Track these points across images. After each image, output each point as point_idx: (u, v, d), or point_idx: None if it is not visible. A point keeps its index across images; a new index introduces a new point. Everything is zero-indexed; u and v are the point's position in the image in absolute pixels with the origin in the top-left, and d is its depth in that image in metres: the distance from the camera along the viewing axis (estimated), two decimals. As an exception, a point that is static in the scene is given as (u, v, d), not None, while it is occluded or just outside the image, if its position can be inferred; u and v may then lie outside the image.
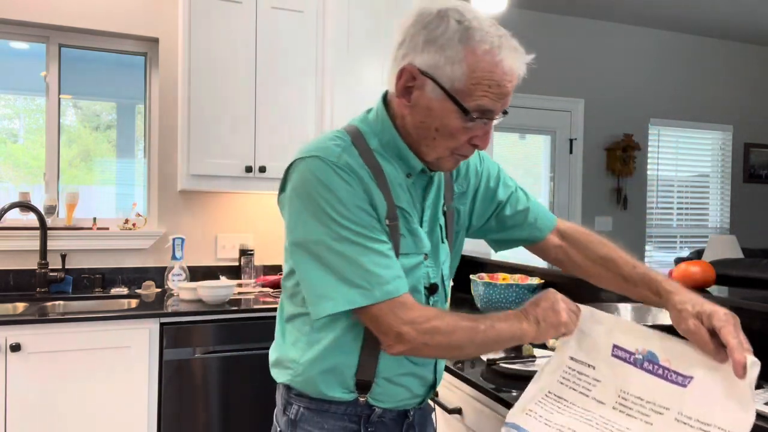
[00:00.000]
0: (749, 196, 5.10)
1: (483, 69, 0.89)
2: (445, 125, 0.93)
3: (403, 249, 0.99)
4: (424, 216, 1.05)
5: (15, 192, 2.75)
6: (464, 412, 1.41)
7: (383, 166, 0.98)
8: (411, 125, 0.97)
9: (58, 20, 2.70)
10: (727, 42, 4.95)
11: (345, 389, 1.01)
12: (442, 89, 0.90)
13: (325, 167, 0.92)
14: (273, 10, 2.65)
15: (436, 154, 0.98)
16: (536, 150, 4.45)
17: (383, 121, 1.00)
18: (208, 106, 2.56)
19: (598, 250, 1.17)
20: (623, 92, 4.59)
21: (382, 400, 1.03)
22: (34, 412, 2.07)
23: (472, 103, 0.91)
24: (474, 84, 0.90)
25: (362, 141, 0.98)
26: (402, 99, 0.95)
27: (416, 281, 1.02)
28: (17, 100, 2.90)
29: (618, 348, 0.99)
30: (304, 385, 1.02)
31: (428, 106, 0.93)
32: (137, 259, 2.81)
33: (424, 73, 0.91)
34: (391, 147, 1.00)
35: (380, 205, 0.96)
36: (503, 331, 0.95)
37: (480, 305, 2.12)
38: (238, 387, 2.30)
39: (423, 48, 0.91)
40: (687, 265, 1.58)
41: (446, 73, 0.90)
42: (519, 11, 4.17)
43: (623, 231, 4.60)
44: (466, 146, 0.97)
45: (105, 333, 2.15)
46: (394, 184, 0.99)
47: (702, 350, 0.91)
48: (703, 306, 0.94)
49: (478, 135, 0.95)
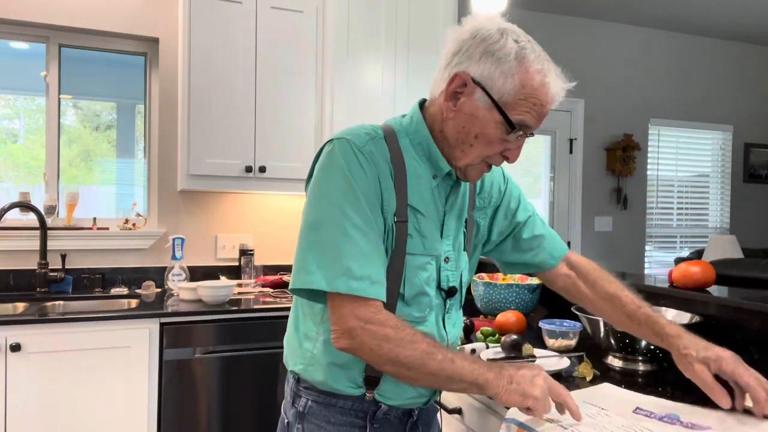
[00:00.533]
0: (749, 196, 5.10)
1: (532, 87, 0.95)
2: (485, 134, 0.97)
3: (409, 248, 1.00)
4: (446, 219, 1.07)
5: (15, 192, 2.76)
6: (464, 412, 1.41)
7: (410, 163, 1.02)
8: (452, 129, 1.00)
9: (58, 20, 2.70)
10: (727, 42, 4.95)
11: (353, 383, 1.02)
12: (491, 99, 0.95)
13: (349, 150, 0.96)
14: (273, 10, 2.65)
15: (469, 160, 1.01)
16: (536, 150, 4.45)
17: (418, 123, 1.05)
18: (208, 106, 2.56)
19: (606, 287, 1.21)
20: (623, 92, 4.59)
21: (388, 396, 1.04)
22: (34, 412, 2.07)
23: (516, 116, 0.95)
24: (521, 99, 0.95)
25: (394, 137, 1.03)
26: (448, 102, 0.99)
27: (423, 282, 1.03)
28: (17, 100, 2.90)
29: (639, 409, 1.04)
30: (314, 375, 1.03)
31: (473, 113, 0.97)
32: (137, 259, 2.81)
33: (476, 82, 0.96)
34: (422, 147, 1.04)
35: (391, 200, 0.98)
36: (463, 369, 0.92)
37: (480, 305, 2.12)
38: (238, 387, 2.30)
39: (480, 59, 0.96)
40: (687, 265, 1.58)
41: (498, 85, 0.95)
42: (519, 11, 4.17)
43: (623, 231, 4.60)
44: (497, 157, 1.01)
45: (105, 333, 2.15)
46: (417, 183, 1.02)
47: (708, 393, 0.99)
48: (707, 351, 1.02)
49: (512, 148, 1.00)
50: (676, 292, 1.58)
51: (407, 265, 1.00)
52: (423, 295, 1.03)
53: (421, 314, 1.03)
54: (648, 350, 1.37)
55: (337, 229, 0.93)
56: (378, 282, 0.94)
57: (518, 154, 1.02)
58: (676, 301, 1.58)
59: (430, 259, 1.04)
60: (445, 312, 1.08)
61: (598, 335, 1.44)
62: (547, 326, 1.62)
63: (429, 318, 1.05)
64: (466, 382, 0.92)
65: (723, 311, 1.45)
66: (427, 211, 1.03)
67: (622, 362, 1.43)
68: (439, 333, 1.07)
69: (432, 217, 1.04)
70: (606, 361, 1.46)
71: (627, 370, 1.40)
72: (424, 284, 1.03)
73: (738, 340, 1.40)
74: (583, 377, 1.32)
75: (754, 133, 5.11)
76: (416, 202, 1.01)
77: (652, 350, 1.37)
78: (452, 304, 1.09)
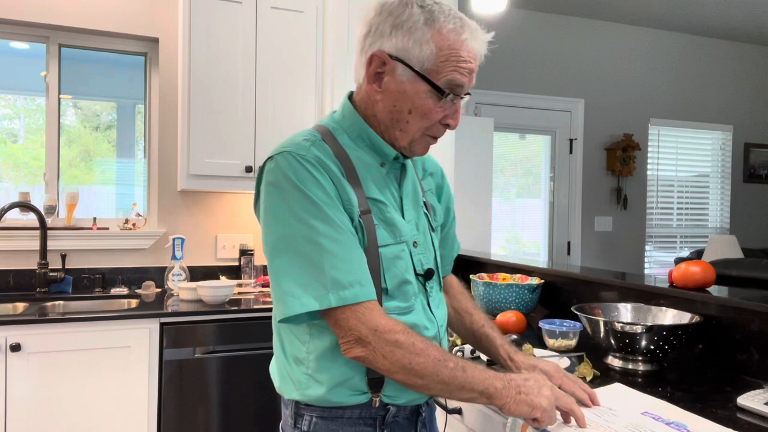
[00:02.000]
0: (749, 196, 5.10)
1: (450, 47, 0.94)
2: (418, 106, 0.96)
3: (381, 240, 0.98)
4: (405, 205, 1.06)
5: (15, 192, 2.76)
6: (464, 412, 1.41)
7: (356, 157, 1.00)
8: (383, 111, 0.99)
9: (58, 20, 2.70)
10: (727, 42, 4.95)
11: (356, 391, 0.99)
12: (413, 70, 0.94)
13: (294, 162, 0.93)
14: (273, 10, 2.65)
15: (410, 137, 1.00)
16: (536, 150, 4.45)
17: (351, 116, 1.03)
18: (208, 106, 2.56)
19: (462, 302, 1.27)
20: (623, 92, 4.59)
21: (395, 396, 1.01)
22: (34, 412, 2.07)
23: (442, 79, 0.94)
24: (443, 62, 0.94)
25: (331, 137, 1.01)
26: (373, 85, 0.98)
27: (403, 271, 1.01)
28: (17, 100, 2.90)
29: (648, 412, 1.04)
30: (314, 396, 0.99)
31: (400, 90, 0.96)
32: (137, 259, 2.81)
33: (394, 57, 0.95)
34: (362, 139, 1.02)
35: (351, 198, 0.96)
36: (474, 378, 0.90)
37: (480, 305, 2.12)
38: (238, 387, 2.30)
39: (391, 34, 0.95)
40: (687, 265, 1.58)
41: (415, 54, 0.94)
42: (519, 11, 4.17)
43: (623, 231, 4.60)
44: (437, 126, 1.00)
45: (105, 333, 2.15)
46: (368, 175, 1.00)
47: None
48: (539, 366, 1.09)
49: (449, 114, 0.99)
50: (676, 292, 1.58)
51: (383, 258, 0.98)
52: (406, 284, 1.01)
53: (408, 304, 1.01)
54: (648, 350, 1.37)
55: (307, 244, 0.90)
56: (366, 283, 0.92)
57: (458, 119, 1.00)
58: (676, 301, 1.58)
59: (403, 246, 1.02)
60: (428, 296, 1.07)
61: (598, 335, 1.44)
62: (547, 326, 1.62)
63: (416, 305, 1.03)
64: (477, 391, 0.90)
65: (723, 311, 1.45)
66: (386, 200, 1.01)
67: (622, 362, 1.43)
68: (428, 317, 1.05)
69: (393, 205, 1.03)
70: (606, 361, 1.46)
71: (627, 370, 1.40)
72: (405, 273, 1.01)
73: (738, 340, 1.40)
74: (583, 377, 1.32)
75: (754, 133, 5.11)
76: (374, 193, 1.00)
77: (652, 350, 1.37)
78: (432, 286, 1.08)
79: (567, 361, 1.44)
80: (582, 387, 1.06)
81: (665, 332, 1.35)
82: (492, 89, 4.15)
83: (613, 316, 1.58)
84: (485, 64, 4.23)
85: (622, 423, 0.97)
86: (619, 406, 1.06)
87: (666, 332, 1.35)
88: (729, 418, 1.06)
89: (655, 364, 1.41)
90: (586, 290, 1.96)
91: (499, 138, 4.20)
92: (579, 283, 2.00)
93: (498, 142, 4.13)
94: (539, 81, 4.30)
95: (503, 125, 4.14)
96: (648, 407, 1.06)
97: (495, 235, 4.00)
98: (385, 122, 1.00)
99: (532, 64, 4.28)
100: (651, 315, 1.55)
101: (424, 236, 1.08)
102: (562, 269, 2.11)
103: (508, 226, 4.38)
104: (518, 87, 4.24)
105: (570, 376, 1.08)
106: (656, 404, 1.09)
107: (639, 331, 1.35)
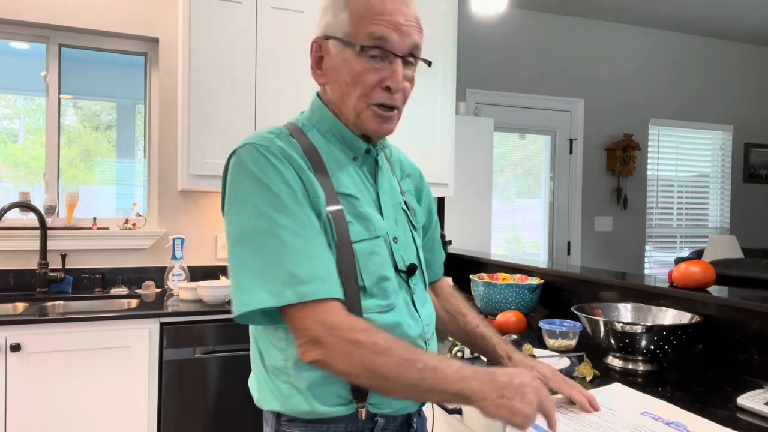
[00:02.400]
0: (749, 196, 5.10)
1: (363, 6, 0.93)
2: (351, 71, 0.94)
3: (354, 236, 0.93)
4: (382, 200, 1.02)
5: (15, 192, 2.76)
6: (464, 412, 1.41)
7: (326, 152, 0.98)
8: (332, 93, 0.99)
9: (58, 20, 2.70)
10: (727, 42, 4.95)
11: (341, 398, 0.93)
12: (339, 40, 0.95)
13: (256, 154, 0.90)
14: (273, 10, 2.65)
15: (355, 110, 0.96)
16: (536, 150, 4.45)
17: (320, 111, 1.02)
18: (208, 106, 2.56)
19: (454, 303, 1.25)
20: (623, 92, 4.59)
21: (382, 405, 0.95)
22: (34, 412, 2.07)
23: (362, 36, 0.93)
24: (358, 19, 0.93)
25: (300, 133, 0.99)
26: (317, 70, 1.00)
27: (380, 267, 0.95)
28: (17, 100, 2.90)
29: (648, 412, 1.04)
30: (297, 406, 0.93)
31: (334, 64, 0.97)
32: (137, 259, 2.81)
33: (325, 37, 0.97)
34: (333, 133, 1.00)
35: (318, 192, 0.92)
36: (446, 379, 0.82)
37: (480, 305, 2.12)
38: (238, 387, 2.30)
39: (321, 19, 0.99)
40: (687, 265, 1.58)
41: (336, 25, 0.95)
42: (519, 11, 4.17)
43: (623, 231, 4.60)
44: (377, 91, 0.95)
45: (105, 333, 2.15)
46: (339, 170, 0.97)
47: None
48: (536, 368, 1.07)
49: (386, 76, 0.94)
50: (676, 292, 1.58)
51: (357, 254, 0.92)
52: (384, 281, 0.95)
53: (388, 301, 0.95)
54: (648, 350, 1.37)
55: (267, 236, 0.85)
56: (329, 280, 0.86)
57: (399, 79, 0.94)
58: (676, 301, 1.58)
59: (379, 242, 0.96)
60: (412, 293, 1.02)
61: (598, 335, 1.44)
62: (547, 326, 1.62)
63: (397, 303, 0.97)
64: (450, 393, 0.83)
65: (723, 311, 1.45)
66: (359, 194, 0.97)
67: (622, 362, 1.43)
68: (411, 315, 1.00)
69: (367, 200, 0.99)
70: (606, 361, 1.46)
71: (627, 370, 1.40)
72: (382, 269, 0.95)
73: (738, 340, 1.40)
74: (583, 377, 1.32)
75: (754, 133, 5.11)
76: (344, 187, 0.96)
77: (652, 350, 1.37)
78: (416, 282, 1.03)
79: (567, 361, 1.44)
80: (580, 391, 1.04)
81: (665, 332, 1.35)
82: (492, 89, 4.15)
83: (613, 316, 1.58)
84: (485, 64, 4.20)
85: (621, 423, 0.97)
86: (618, 407, 1.06)
87: (666, 332, 1.35)
88: (729, 418, 1.06)
89: (655, 364, 1.41)
90: (586, 290, 1.96)
91: (499, 138, 4.20)
92: (579, 283, 2.00)
93: (498, 142, 4.13)
94: (539, 81, 4.30)
95: (503, 125, 4.14)
96: (648, 407, 1.06)
97: (495, 235, 4.00)
98: (338, 105, 0.99)
99: (532, 64, 4.28)
100: (651, 315, 1.55)
101: (404, 232, 1.04)
102: (562, 269, 2.11)
103: (508, 226, 4.38)
104: (518, 87, 4.24)
105: (568, 381, 1.06)
106: (656, 404, 1.09)
107: (639, 331, 1.35)
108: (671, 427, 0.97)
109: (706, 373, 1.39)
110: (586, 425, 0.96)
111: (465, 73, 3.88)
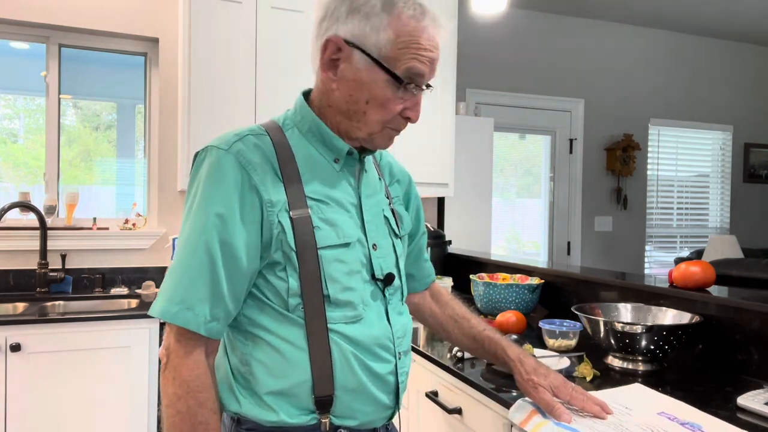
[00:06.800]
0: (749, 196, 5.10)
1: (409, 33, 0.88)
2: (376, 96, 0.90)
3: (321, 242, 0.89)
4: (364, 204, 0.98)
5: (15, 192, 2.76)
6: (464, 412, 1.41)
7: (303, 153, 0.94)
8: (340, 101, 0.93)
9: (58, 20, 2.70)
10: (727, 42, 4.95)
11: (303, 410, 0.89)
12: (370, 57, 0.88)
13: (212, 159, 0.89)
14: (273, 10, 2.65)
15: (369, 130, 0.94)
16: (536, 150, 4.45)
17: (302, 110, 0.97)
18: (208, 105, 2.56)
19: (456, 309, 1.23)
20: (623, 92, 4.59)
21: (345, 416, 0.92)
22: (34, 412, 2.07)
23: (401, 68, 0.89)
24: (401, 49, 0.88)
25: (278, 131, 0.95)
26: (328, 72, 0.92)
27: (348, 275, 0.92)
28: (17, 100, 2.90)
29: (664, 412, 1.05)
30: (255, 412, 0.90)
31: (356, 78, 0.90)
32: (137, 259, 2.81)
33: (350, 43, 0.89)
34: (313, 134, 0.96)
35: (277, 199, 0.89)
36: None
37: (480, 305, 2.12)
38: (238, 387, 2.29)
39: (347, 18, 0.89)
40: (687, 265, 1.58)
41: (372, 41, 0.88)
42: (519, 11, 4.17)
43: (623, 231, 4.60)
44: (398, 119, 0.94)
45: (105, 333, 2.15)
46: (313, 172, 0.93)
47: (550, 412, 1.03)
48: (547, 378, 1.06)
49: (409, 107, 0.93)
50: (676, 292, 1.58)
51: (323, 261, 0.89)
52: (349, 291, 0.92)
53: (355, 312, 0.92)
54: (648, 350, 1.37)
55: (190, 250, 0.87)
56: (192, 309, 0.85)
57: (419, 111, 0.94)
58: (676, 301, 1.58)
59: (350, 249, 0.93)
60: (387, 303, 0.98)
61: (598, 335, 1.44)
62: (547, 326, 1.62)
63: (367, 314, 0.93)
64: None
65: (723, 311, 1.45)
66: (333, 199, 0.93)
67: (622, 362, 1.43)
68: (383, 326, 0.95)
69: (343, 205, 0.95)
70: (606, 361, 1.46)
71: (627, 370, 1.40)
72: (350, 277, 0.92)
73: (738, 340, 1.40)
74: (583, 377, 1.32)
75: (754, 133, 5.11)
76: (315, 191, 0.92)
77: (652, 350, 1.37)
78: (392, 293, 0.99)
79: (567, 361, 1.44)
80: (592, 400, 1.04)
81: (665, 332, 1.35)
82: (492, 89, 4.15)
83: (613, 316, 1.58)
84: (485, 64, 4.21)
85: (635, 422, 0.97)
86: (635, 406, 1.06)
87: (666, 332, 1.35)
88: (729, 419, 1.06)
89: (655, 364, 1.41)
90: (586, 290, 1.96)
91: (499, 138, 4.20)
92: (579, 283, 2.00)
93: (498, 142, 4.13)
94: (539, 81, 4.30)
95: (503, 125, 4.14)
96: (665, 408, 1.06)
97: (495, 235, 4.00)
98: (342, 113, 0.94)
99: (532, 64, 4.28)
100: (651, 315, 1.55)
101: (385, 239, 1.00)
102: (562, 269, 2.11)
103: (508, 226, 4.38)
104: (518, 87, 4.24)
105: (578, 390, 1.05)
106: (675, 405, 1.08)
107: (639, 331, 1.36)
108: (686, 427, 0.97)
109: (706, 373, 1.39)
110: (599, 422, 0.98)
111: (465, 73, 3.88)
